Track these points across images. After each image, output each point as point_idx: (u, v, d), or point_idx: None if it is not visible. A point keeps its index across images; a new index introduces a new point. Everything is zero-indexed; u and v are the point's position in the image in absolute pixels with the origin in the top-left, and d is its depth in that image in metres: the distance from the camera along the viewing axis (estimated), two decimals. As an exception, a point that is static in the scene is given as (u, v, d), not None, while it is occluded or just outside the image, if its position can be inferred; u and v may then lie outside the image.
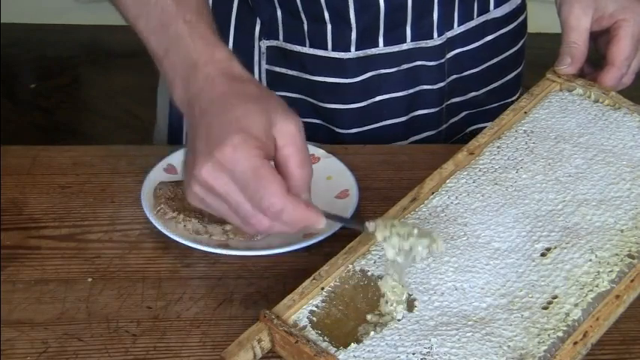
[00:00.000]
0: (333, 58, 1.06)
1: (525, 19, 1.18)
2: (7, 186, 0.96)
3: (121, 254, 0.88)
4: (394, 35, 1.05)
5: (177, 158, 0.97)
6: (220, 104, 0.74)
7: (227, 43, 1.09)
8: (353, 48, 1.06)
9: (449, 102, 1.13)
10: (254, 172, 0.71)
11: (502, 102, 1.17)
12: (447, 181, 0.86)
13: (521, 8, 1.16)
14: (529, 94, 0.95)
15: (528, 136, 0.90)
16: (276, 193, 0.71)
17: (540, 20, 1.20)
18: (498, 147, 0.89)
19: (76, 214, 0.93)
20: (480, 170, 0.87)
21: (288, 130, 0.73)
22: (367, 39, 1.05)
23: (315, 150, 0.99)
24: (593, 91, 0.94)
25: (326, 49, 1.06)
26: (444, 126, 1.15)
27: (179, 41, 0.78)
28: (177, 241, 0.86)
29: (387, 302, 0.75)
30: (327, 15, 1.04)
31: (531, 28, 1.22)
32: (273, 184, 0.71)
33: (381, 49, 1.06)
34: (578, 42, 0.96)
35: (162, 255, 0.88)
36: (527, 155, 0.88)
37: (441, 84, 1.10)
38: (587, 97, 0.94)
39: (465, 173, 0.87)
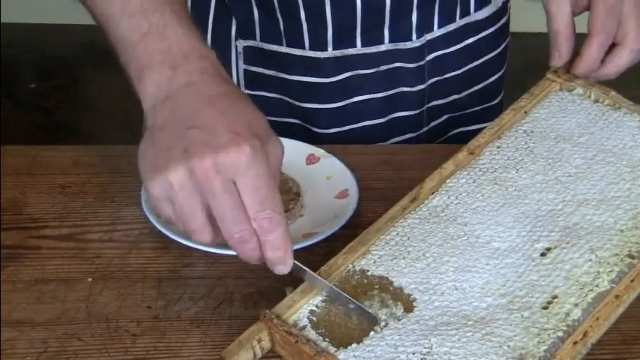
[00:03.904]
0: (309, 57, 1.06)
1: (507, 22, 1.17)
2: (7, 186, 0.96)
3: (121, 254, 0.88)
4: (372, 36, 1.05)
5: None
6: (223, 101, 0.71)
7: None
8: (330, 47, 1.05)
9: (430, 104, 1.13)
10: (268, 181, 0.69)
11: (484, 105, 1.17)
12: (447, 181, 0.86)
13: (502, 10, 1.15)
14: (529, 94, 0.95)
15: (528, 135, 0.90)
16: (279, 206, 0.70)
17: (540, 20, 1.20)
18: (498, 147, 0.89)
19: (76, 214, 0.92)
20: (479, 170, 0.87)
21: (276, 152, 0.73)
22: (344, 39, 1.05)
23: (315, 150, 0.99)
24: (593, 91, 0.94)
25: (303, 48, 1.06)
26: (425, 128, 1.15)
27: (165, 29, 0.74)
28: (177, 241, 0.86)
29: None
30: (302, 13, 1.04)
31: (531, 28, 1.21)
32: (278, 197, 0.70)
33: (358, 49, 1.06)
34: (561, 29, 0.94)
35: (162, 255, 0.88)
36: (527, 155, 0.88)
37: (421, 86, 1.10)
38: (587, 97, 0.94)
39: (465, 173, 0.87)
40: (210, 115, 0.70)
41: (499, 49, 1.16)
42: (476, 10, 1.10)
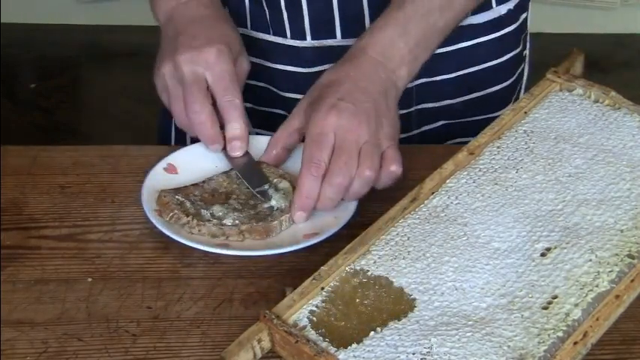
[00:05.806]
0: (290, 46, 1.07)
1: (517, 32, 1.13)
2: (7, 186, 0.96)
3: (121, 254, 0.88)
4: (352, 28, 1.04)
5: (177, 158, 0.97)
6: (205, 20, 0.97)
7: None
8: (308, 37, 1.06)
9: (419, 106, 1.12)
10: (232, 76, 0.93)
11: (485, 116, 1.12)
12: (447, 181, 0.86)
13: (507, 19, 1.11)
14: (529, 94, 0.95)
15: (528, 136, 0.90)
16: (239, 97, 0.94)
17: (540, 20, 1.19)
18: (498, 147, 0.89)
19: (76, 214, 0.93)
20: (479, 170, 0.87)
21: (242, 64, 0.98)
22: (323, 29, 1.05)
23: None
24: (593, 91, 0.94)
25: (285, 36, 1.07)
26: (417, 131, 1.13)
27: None
28: (177, 241, 0.86)
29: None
30: (282, 2, 1.05)
31: (531, 28, 1.20)
32: (239, 91, 0.94)
33: (338, 40, 1.06)
34: (279, 134, 0.96)
35: (162, 255, 0.88)
36: (527, 155, 0.88)
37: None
38: (587, 97, 0.94)
39: (465, 173, 0.87)
40: (194, 28, 0.97)
41: (503, 59, 1.13)
42: (473, 14, 1.07)
